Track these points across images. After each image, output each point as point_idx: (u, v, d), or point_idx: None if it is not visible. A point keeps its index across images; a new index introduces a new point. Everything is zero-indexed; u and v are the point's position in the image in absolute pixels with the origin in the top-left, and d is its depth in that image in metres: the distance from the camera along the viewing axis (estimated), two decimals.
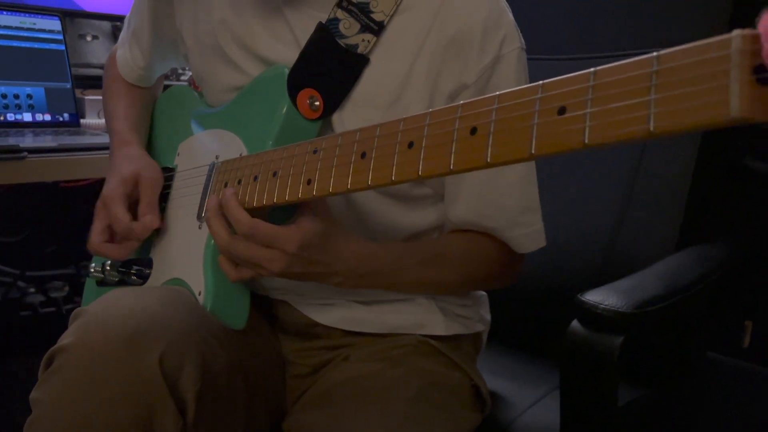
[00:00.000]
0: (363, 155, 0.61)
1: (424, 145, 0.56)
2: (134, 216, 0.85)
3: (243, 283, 0.79)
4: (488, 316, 0.99)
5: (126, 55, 1.00)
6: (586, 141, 0.45)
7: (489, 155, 0.51)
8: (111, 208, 0.83)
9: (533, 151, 0.48)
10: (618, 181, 1.06)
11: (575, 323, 0.78)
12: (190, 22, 0.89)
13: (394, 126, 0.59)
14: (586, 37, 1.16)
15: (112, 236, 0.86)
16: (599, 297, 0.78)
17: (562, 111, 0.47)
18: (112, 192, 0.84)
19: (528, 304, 1.10)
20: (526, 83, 0.78)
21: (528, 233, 0.83)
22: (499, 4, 0.79)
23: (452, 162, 0.54)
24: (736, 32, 0.38)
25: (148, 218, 0.84)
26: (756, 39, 0.37)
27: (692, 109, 0.39)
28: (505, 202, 0.81)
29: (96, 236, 0.86)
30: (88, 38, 1.91)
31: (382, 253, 0.77)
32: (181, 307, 0.72)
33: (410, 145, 0.57)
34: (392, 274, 0.79)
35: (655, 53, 0.42)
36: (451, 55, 0.77)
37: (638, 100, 0.42)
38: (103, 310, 0.67)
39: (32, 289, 1.77)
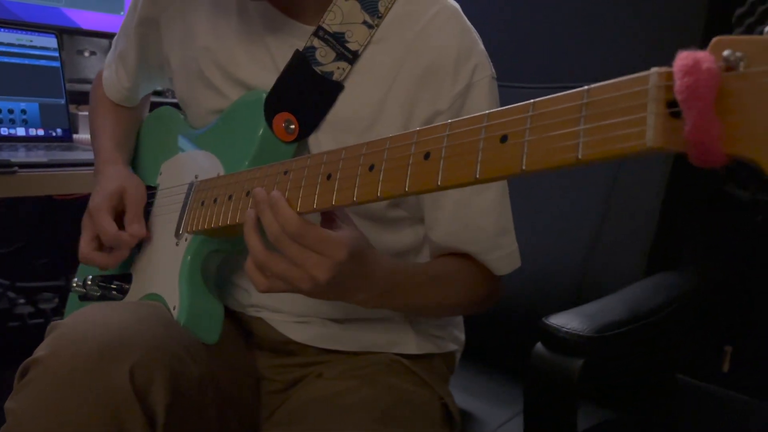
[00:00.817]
0: (329, 177, 0.64)
1: (383, 168, 0.59)
2: (120, 228, 0.88)
3: (217, 299, 0.82)
4: (462, 336, 1.02)
5: (112, 76, 1.04)
6: (524, 167, 0.48)
7: (440, 179, 0.54)
8: (98, 219, 0.86)
9: (478, 176, 0.51)
10: (591, 206, 1.08)
11: (539, 345, 0.81)
12: (177, 49, 0.92)
13: (358, 149, 0.62)
14: (562, 66, 1.19)
15: (100, 246, 0.89)
16: (562, 320, 0.80)
17: (504, 139, 0.50)
18: (98, 205, 0.87)
19: (503, 326, 1.11)
20: (497, 106, 0.82)
21: (504, 255, 0.85)
22: (470, 35, 0.82)
23: (407, 184, 0.57)
24: (654, 69, 0.41)
25: (135, 227, 0.86)
26: (670, 76, 0.40)
27: (614, 139, 0.42)
28: (482, 226, 0.83)
29: (85, 245, 0.88)
30: (86, 54, 1.95)
31: (403, 269, 0.78)
32: (153, 322, 0.74)
33: (371, 167, 0.60)
34: (410, 291, 0.79)
35: (586, 87, 0.45)
36: (426, 84, 0.80)
37: (569, 130, 0.45)
38: (76, 324, 0.70)
39: (22, 300, 1.79)
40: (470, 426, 1.00)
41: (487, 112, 0.52)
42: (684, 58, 0.40)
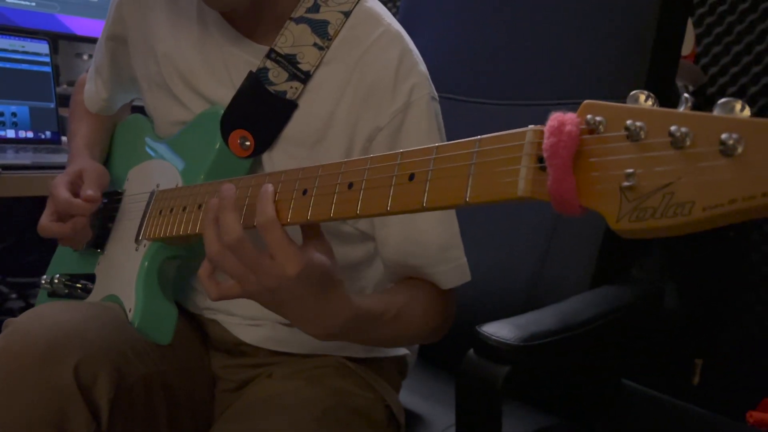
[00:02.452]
0: None
1: (314, 193, 0.65)
2: None
3: (171, 303, 0.87)
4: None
5: (91, 89, 1.09)
6: (424, 204, 0.53)
7: (359, 208, 0.60)
8: (53, 191, 0.91)
9: (389, 208, 0.57)
10: (542, 223, 1.13)
11: (471, 352, 0.86)
12: (142, 62, 0.97)
13: (295, 174, 0.68)
14: (523, 86, 1.24)
15: (61, 220, 0.93)
16: (494, 329, 0.85)
17: (411, 177, 0.55)
18: (56, 180, 0.93)
19: (457, 334, 1.17)
20: (437, 128, 0.87)
21: (452, 268, 0.88)
22: (411, 57, 0.87)
23: (333, 210, 0.62)
24: (530, 127, 0.47)
25: (89, 192, 0.90)
26: (542, 134, 0.46)
27: (494, 186, 0.48)
28: (427, 241, 0.87)
29: (44, 218, 0.93)
30: (84, 57, 2.00)
31: (367, 310, 0.75)
32: (102, 322, 0.80)
33: (304, 192, 0.66)
34: (368, 331, 0.80)
35: (478, 137, 0.51)
36: (368, 102, 0.85)
37: (462, 174, 0.51)
38: (27, 322, 0.76)
39: (14, 295, 1.85)
40: (418, 428, 1.05)
41: (401, 151, 0.57)
42: (553, 119, 0.45)
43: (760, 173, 0.36)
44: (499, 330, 0.85)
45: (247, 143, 0.86)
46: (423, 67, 0.88)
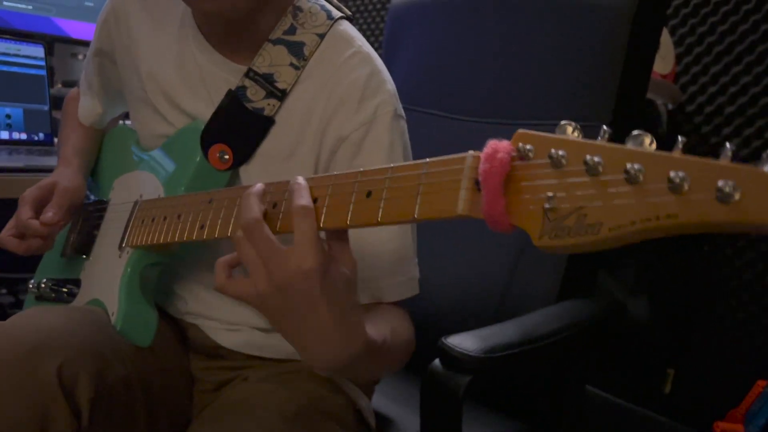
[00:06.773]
0: None
1: (282, 209, 0.69)
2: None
3: (152, 308, 0.92)
4: None
5: (86, 103, 1.14)
6: (379, 219, 0.58)
7: (323, 221, 0.64)
8: (19, 206, 0.95)
9: (349, 222, 0.61)
10: (512, 238, 1.18)
11: (436, 362, 0.90)
12: (127, 77, 1.02)
13: (267, 188, 0.72)
14: (500, 104, 1.29)
15: (23, 233, 0.97)
16: (458, 340, 0.90)
17: (369, 194, 0.60)
18: (26, 194, 0.97)
19: (432, 343, 1.21)
20: (401, 145, 0.91)
21: (403, 281, 0.91)
22: (379, 76, 0.91)
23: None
24: (470, 152, 0.52)
25: (48, 215, 0.94)
26: (479, 159, 0.51)
27: (438, 204, 0.53)
28: (382, 250, 0.90)
29: (5, 230, 0.97)
30: (80, 57, 2.04)
31: (375, 339, 0.70)
32: (83, 325, 0.84)
33: (274, 205, 0.71)
34: (370, 364, 0.76)
35: (427, 159, 0.55)
36: (335, 115, 0.89)
37: (412, 193, 0.56)
38: (13, 325, 0.80)
39: (4, 290, 1.88)
40: (389, 429, 1.10)
41: (361, 170, 0.62)
42: (489, 146, 0.50)
43: (656, 199, 0.41)
44: (463, 342, 0.89)
45: (226, 157, 0.91)
46: (391, 86, 0.92)
